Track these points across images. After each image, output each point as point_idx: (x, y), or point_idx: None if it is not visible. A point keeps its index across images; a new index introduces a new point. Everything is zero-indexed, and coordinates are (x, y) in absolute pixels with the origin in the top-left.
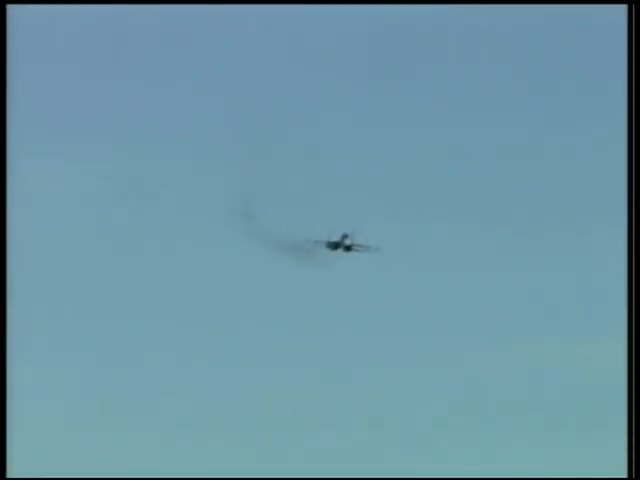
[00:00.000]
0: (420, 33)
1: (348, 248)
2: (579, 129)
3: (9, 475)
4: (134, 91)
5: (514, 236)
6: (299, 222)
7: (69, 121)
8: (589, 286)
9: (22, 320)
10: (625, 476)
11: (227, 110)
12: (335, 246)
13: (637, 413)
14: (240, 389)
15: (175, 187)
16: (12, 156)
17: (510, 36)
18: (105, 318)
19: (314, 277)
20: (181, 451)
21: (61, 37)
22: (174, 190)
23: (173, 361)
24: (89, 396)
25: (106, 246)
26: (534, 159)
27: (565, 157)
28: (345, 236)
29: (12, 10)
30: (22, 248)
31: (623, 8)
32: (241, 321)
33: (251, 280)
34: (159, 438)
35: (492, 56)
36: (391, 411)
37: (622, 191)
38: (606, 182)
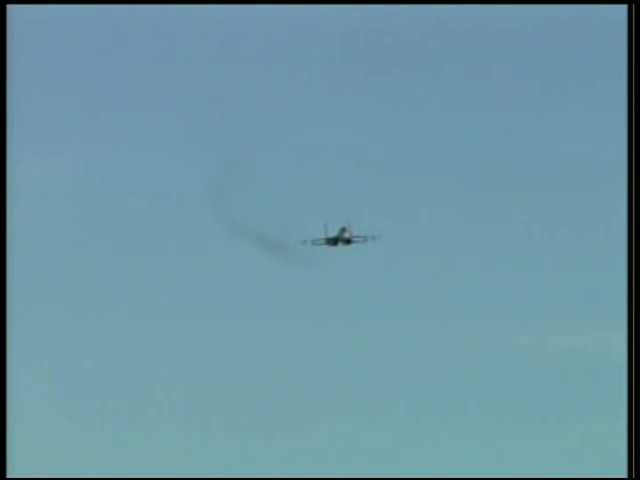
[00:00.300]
0: (419, 33)
1: (348, 241)
2: (579, 128)
3: (9, 475)
4: (133, 91)
5: (515, 232)
6: (295, 222)
7: (68, 120)
8: (590, 279)
9: (22, 320)
10: (625, 476)
11: (220, 108)
12: (334, 241)
13: (637, 412)
14: (239, 388)
15: (172, 185)
16: (11, 155)
17: (510, 36)
18: (103, 318)
19: (311, 277)
20: (181, 451)
21: (61, 37)
22: (172, 189)
23: (173, 360)
24: (89, 396)
25: (98, 241)
26: (534, 158)
27: (565, 156)
28: (343, 230)
29: (12, 10)
30: (20, 245)
31: (623, 8)
32: (235, 319)
33: (246, 279)
34: (159, 438)
35: (492, 56)
36: (387, 408)
37: (622, 189)
38: (607, 180)
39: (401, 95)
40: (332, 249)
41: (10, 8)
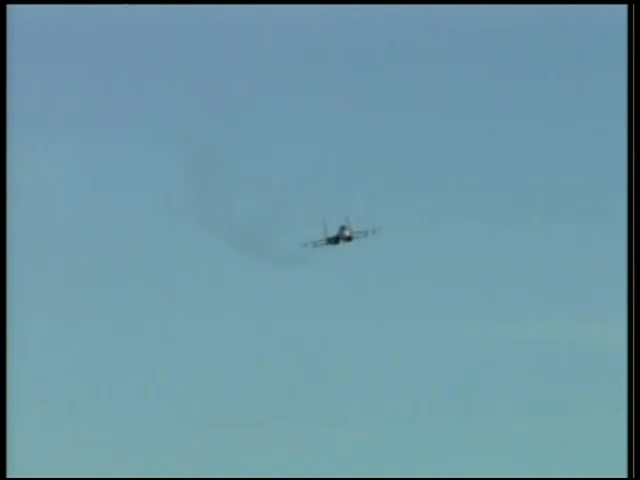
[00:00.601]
0: (419, 33)
1: (349, 238)
2: (579, 128)
3: (9, 475)
4: (133, 91)
5: (515, 226)
6: (296, 225)
7: (68, 120)
8: (590, 272)
9: (22, 319)
10: (625, 476)
11: (221, 108)
12: (335, 240)
13: (637, 412)
14: (237, 387)
15: (172, 185)
16: (11, 155)
17: (510, 36)
18: (102, 317)
19: (305, 276)
20: (181, 450)
21: (61, 37)
22: (171, 188)
23: (173, 360)
24: (89, 396)
25: (97, 240)
26: (534, 158)
27: (566, 156)
28: (343, 228)
29: (12, 10)
30: (19, 244)
31: (623, 8)
32: (231, 317)
33: (242, 279)
34: (159, 437)
35: (492, 56)
36: (388, 405)
37: (622, 187)
38: (606, 179)
39: (400, 94)
40: (334, 248)
41: (10, 8)
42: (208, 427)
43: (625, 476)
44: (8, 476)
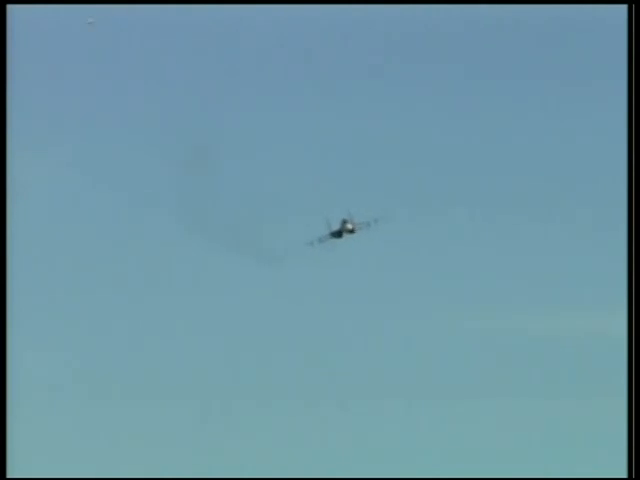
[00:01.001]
0: (418, 32)
1: (352, 231)
2: (579, 128)
3: (9, 475)
4: (133, 91)
5: (517, 221)
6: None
7: (68, 120)
8: (592, 264)
9: (23, 319)
10: (625, 476)
11: (221, 109)
12: (339, 234)
13: (638, 412)
14: (233, 387)
15: (171, 185)
16: (11, 154)
17: (510, 36)
18: (101, 316)
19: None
20: (181, 451)
21: (61, 37)
22: (170, 188)
23: (172, 359)
24: (89, 396)
25: (96, 240)
26: (535, 158)
27: (566, 155)
28: (345, 221)
29: (12, 10)
30: (19, 243)
31: (623, 8)
32: (231, 320)
33: (238, 279)
34: (159, 438)
35: (492, 55)
36: (389, 403)
37: (622, 187)
38: (606, 178)
39: (400, 94)
40: (337, 241)
41: (10, 8)
42: (208, 427)
43: (625, 476)
44: (8, 476)
